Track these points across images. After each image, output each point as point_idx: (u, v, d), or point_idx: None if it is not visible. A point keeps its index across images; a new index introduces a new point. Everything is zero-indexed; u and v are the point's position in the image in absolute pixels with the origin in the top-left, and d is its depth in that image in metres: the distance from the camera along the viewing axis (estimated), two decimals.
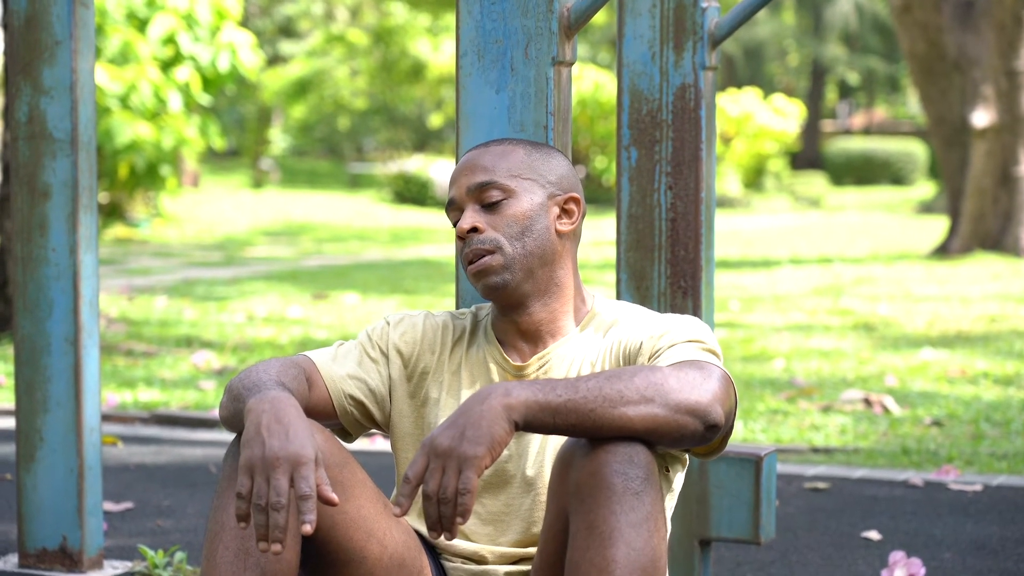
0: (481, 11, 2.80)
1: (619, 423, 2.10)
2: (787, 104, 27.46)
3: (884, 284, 12.49)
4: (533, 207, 2.40)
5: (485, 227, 2.39)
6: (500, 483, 2.39)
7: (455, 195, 2.44)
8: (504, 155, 2.44)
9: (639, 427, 2.11)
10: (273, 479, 2.04)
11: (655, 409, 2.11)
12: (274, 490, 2.04)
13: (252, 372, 2.27)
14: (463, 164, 2.46)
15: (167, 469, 5.17)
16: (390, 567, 2.30)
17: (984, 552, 4.03)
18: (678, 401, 2.12)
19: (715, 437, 2.17)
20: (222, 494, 2.21)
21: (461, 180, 2.44)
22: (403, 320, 2.50)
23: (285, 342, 8.50)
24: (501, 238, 2.38)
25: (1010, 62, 14.97)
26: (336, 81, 33.04)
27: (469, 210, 2.41)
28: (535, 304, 2.41)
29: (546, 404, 2.10)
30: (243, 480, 2.06)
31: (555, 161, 2.47)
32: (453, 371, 2.46)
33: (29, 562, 3.58)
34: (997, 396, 6.68)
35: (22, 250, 3.57)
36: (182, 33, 16.38)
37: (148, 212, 19.78)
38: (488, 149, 2.46)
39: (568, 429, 2.11)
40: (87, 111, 3.55)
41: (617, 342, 2.38)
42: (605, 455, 2.11)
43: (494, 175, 2.41)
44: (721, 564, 3.92)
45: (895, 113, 43.69)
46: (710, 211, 3.27)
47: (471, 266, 2.40)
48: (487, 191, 2.40)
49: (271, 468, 2.05)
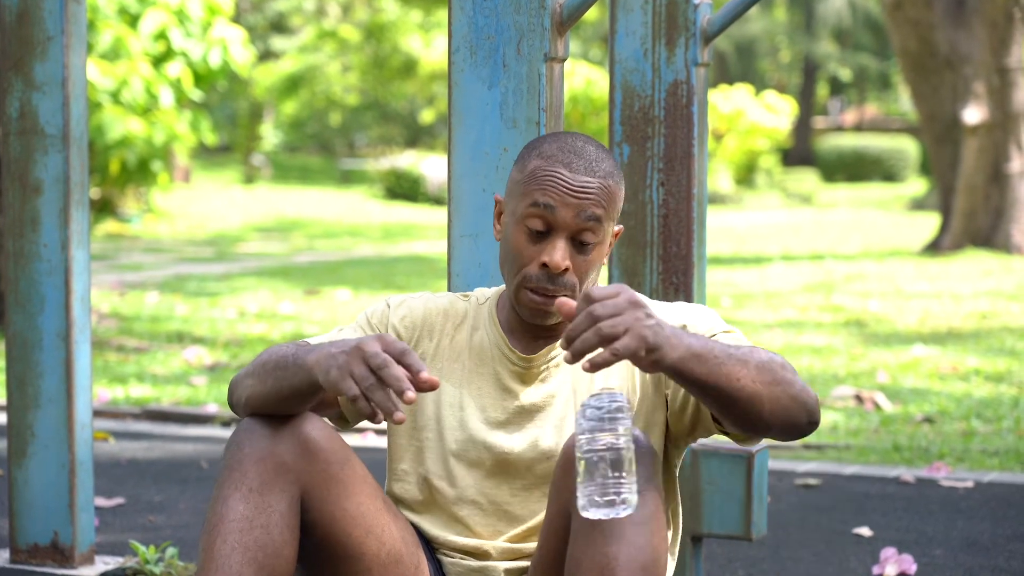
0: (474, 7, 2.80)
1: (753, 399, 2.11)
2: (779, 101, 27.47)
3: (875, 281, 12.50)
4: (606, 252, 2.37)
5: (571, 267, 2.32)
6: (508, 474, 2.37)
7: (560, 216, 2.30)
8: (609, 191, 2.31)
9: (767, 406, 2.13)
10: (360, 362, 2.05)
11: (781, 394, 2.14)
12: (370, 360, 2.04)
13: (275, 350, 2.26)
14: (572, 183, 2.30)
15: (158, 465, 5.16)
16: (387, 563, 2.30)
17: (975, 548, 4.04)
18: (795, 393, 2.15)
19: (810, 432, 2.20)
20: (223, 485, 2.20)
21: (569, 200, 2.29)
22: (404, 303, 2.47)
23: (277, 338, 8.49)
24: (577, 284, 2.32)
25: (1001, 59, 14.99)
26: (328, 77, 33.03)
27: (563, 241, 2.30)
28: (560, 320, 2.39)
29: (706, 358, 2.08)
30: (349, 386, 2.05)
31: (624, 187, 2.43)
32: (453, 358, 2.43)
33: (20, 558, 3.57)
34: (988, 393, 6.69)
35: (14, 246, 3.56)
36: (173, 29, 16.35)
37: (139, 208, 19.76)
38: (595, 175, 2.31)
39: (709, 391, 2.10)
40: (79, 107, 3.55)
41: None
42: None
43: (600, 218, 2.31)
44: (712, 560, 3.92)
45: (887, 110, 43.71)
46: (702, 208, 3.27)
47: (542, 299, 2.32)
48: (588, 232, 2.31)
49: (353, 359, 2.06)
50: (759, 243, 17.66)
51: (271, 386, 2.22)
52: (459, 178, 2.84)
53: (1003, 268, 13.52)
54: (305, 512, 2.24)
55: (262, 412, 2.25)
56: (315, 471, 2.23)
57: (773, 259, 14.99)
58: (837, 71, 39.86)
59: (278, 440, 2.22)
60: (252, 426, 2.23)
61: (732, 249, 16.61)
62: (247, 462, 2.20)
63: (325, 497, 2.24)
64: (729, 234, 19.21)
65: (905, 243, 17.25)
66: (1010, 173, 15.17)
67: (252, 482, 2.19)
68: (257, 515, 2.18)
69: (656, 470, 2.13)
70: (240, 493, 2.19)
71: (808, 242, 17.76)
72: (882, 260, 14.78)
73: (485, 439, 2.37)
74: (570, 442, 2.18)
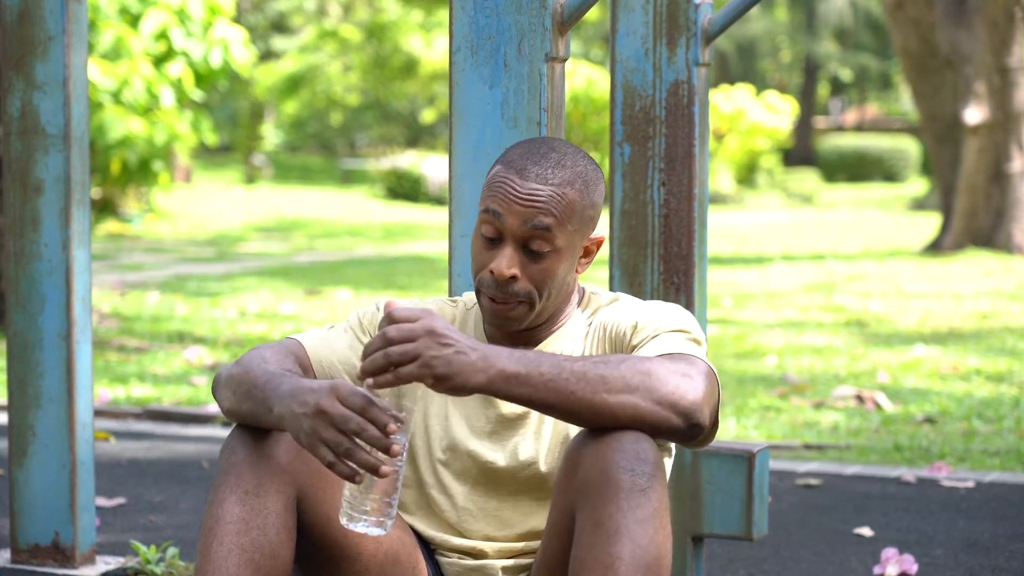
0: (475, 7, 2.80)
1: (599, 409, 2.10)
2: (780, 101, 27.47)
3: (876, 281, 12.50)
4: (570, 262, 2.33)
5: (522, 277, 2.30)
6: (495, 483, 2.38)
7: (506, 222, 2.28)
8: (564, 199, 2.28)
9: (620, 416, 2.10)
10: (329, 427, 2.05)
11: (638, 400, 2.10)
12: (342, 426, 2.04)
13: (253, 365, 2.25)
14: (519, 189, 2.28)
15: (159, 465, 5.16)
16: (384, 563, 2.30)
17: (976, 549, 4.04)
18: (662, 395, 2.11)
19: (697, 436, 2.16)
20: (218, 488, 2.21)
21: (515, 211, 2.27)
22: None
23: (277, 337, 8.48)
24: (534, 292, 2.31)
25: (1002, 59, 14.98)
26: (328, 77, 33.04)
27: (510, 250, 2.29)
28: (537, 324, 2.39)
29: (525, 379, 2.08)
30: (324, 455, 2.05)
31: (597, 194, 2.36)
32: None
33: (21, 558, 3.57)
34: (989, 393, 6.69)
35: (15, 245, 3.56)
36: (174, 29, 16.35)
37: (140, 208, 19.76)
38: (548, 183, 2.28)
39: (544, 406, 2.10)
40: (80, 106, 3.55)
41: (602, 328, 2.36)
42: (613, 452, 2.10)
43: (551, 226, 2.28)
44: (713, 560, 3.92)
45: (887, 110, 43.72)
46: (703, 207, 3.27)
47: (496, 305, 2.31)
48: (537, 241, 2.29)
49: (321, 426, 2.05)
50: (760, 243, 17.66)
51: (246, 411, 2.23)
52: (460, 178, 2.84)
53: (1004, 268, 13.51)
54: (301, 513, 2.24)
55: (237, 421, 2.27)
56: (310, 472, 2.24)
57: (774, 259, 14.98)
58: (838, 71, 39.86)
59: (273, 442, 2.22)
60: (247, 429, 2.24)
61: (733, 249, 16.60)
62: (242, 464, 2.21)
63: (320, 497, 2.25)
64: (730, 234, 19.20)
65: (906, 243, 17.25)
66: (1011, 173, 15.16)
67: (248, 484, 2.20)
68: (253, 517, 2.18)
69: (660, 467, 2.13)
70: (236, 495, 2.19)
71: (809, 242, 17.76)
72: (883, 260, 14.77)
73: (469, 448, 2.37)
74: (573, 443, 2.18)
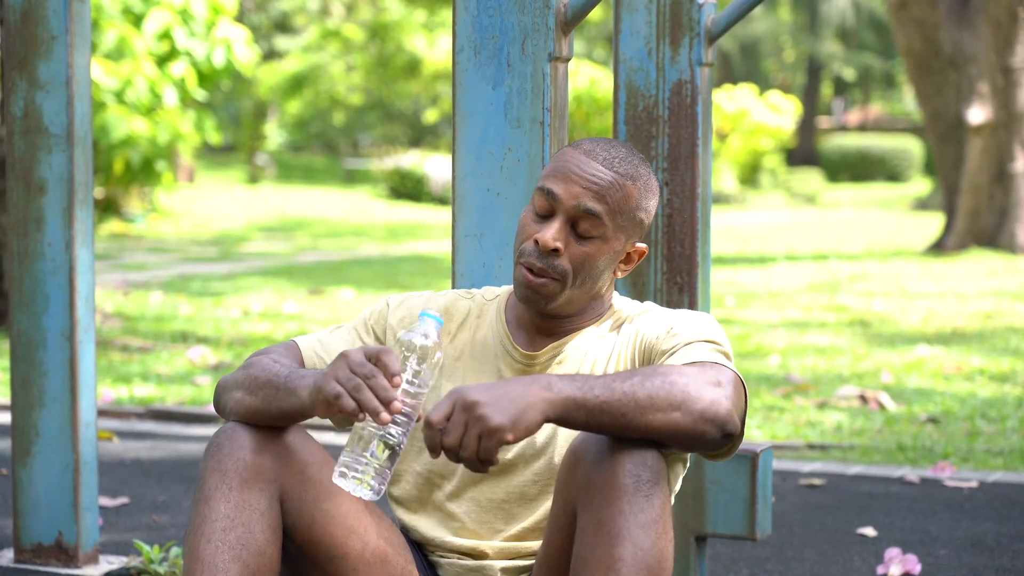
0: (478, 7, 2.80)
1: (644, 430, 2.11)
2: (783, 100, 27.47)
3: (880, 280, 12.49)
4: (611, 256, 2.35)
5: (564, 253, 2.31)
6: (507, 472, 2.37)
7: (561, 197, 2.30)
8: (622, 190, 2.31)
9: (662, 433, 2.12)
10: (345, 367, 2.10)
11: (680, 417, 2.11)
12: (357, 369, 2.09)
13: (267, 363, 2.28)
14: (582, 167, 2.31)
15: (162, 464, 5.16)
16: (372, 563, 2.30)
17: (979, 549, 4.04)
18: (702, 410, 2.12)
19: (727, 445, 2.18)
20: (203, 486, 2.22)
21: (573, 187, 2.30)
22: (404, 303, 2.47)
23: (280, 337, 8.49)
24: (569, 272, 2.32)
25: (1006, 59, 14.98)
26: (332, 77, 33.04)
27: (560, 223, 2.31)
28: (561, 315, 2.40)
29: (583, 403, 2.09)
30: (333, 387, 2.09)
31: (653, 204, 2.38)
32: (454, 356, 2.43)
33: (25, 557, 3.57)
34: (993, 393, 6.69)
35: (18, 245, 3.56)
36: (178, 28, 16.36)
37: (144, 207, 19.77)
38: (612, 169, 2.31)
39: (598, 428, 2.11)
40: (83, 106, 3.55)
41: (634, 336, 2.37)
42: (618, 455, 2.11)
43: (603, 211, 2.30)
44: (717, 560, 3.92)
45: (891, 110, 43.70)
46: (706, 207, 3.27)
47: (530, 276, 2.33)
48: (587, 222, 2.31)
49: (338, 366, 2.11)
50: (763, 243, 17.65)
51: (260, 402, 2.25)
52: (463, 178, 2.84)
53: (1007, 268, 13.51)
54: (285, 515, 2.26)
55: (249, 423, 2.27)
56: (292, 473, 2.25)
57: (777, 259, 14.98)
58: (841, 71, 39.83)
59: (256, 444, 2.24)
60: (231, 431, 2.26)
61: (736, 249, 16.60)
62: (226, 462, 2.22)
63: (304, 498, 2.26)
64: (733, 234, 19.20)
65: (909, 243, 17.24)
66: (1014, 173, 15.15)
67: (232, 482, 2.21)
68: (238, 513, 2.20)
69: (663, 473, 2.13)
70: (220, 493, 2.21)
71: (812, 242, 17.75)
72: (886, 260, 14.77)
73: None
74: (577, 442, 2.18)
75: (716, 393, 2.14)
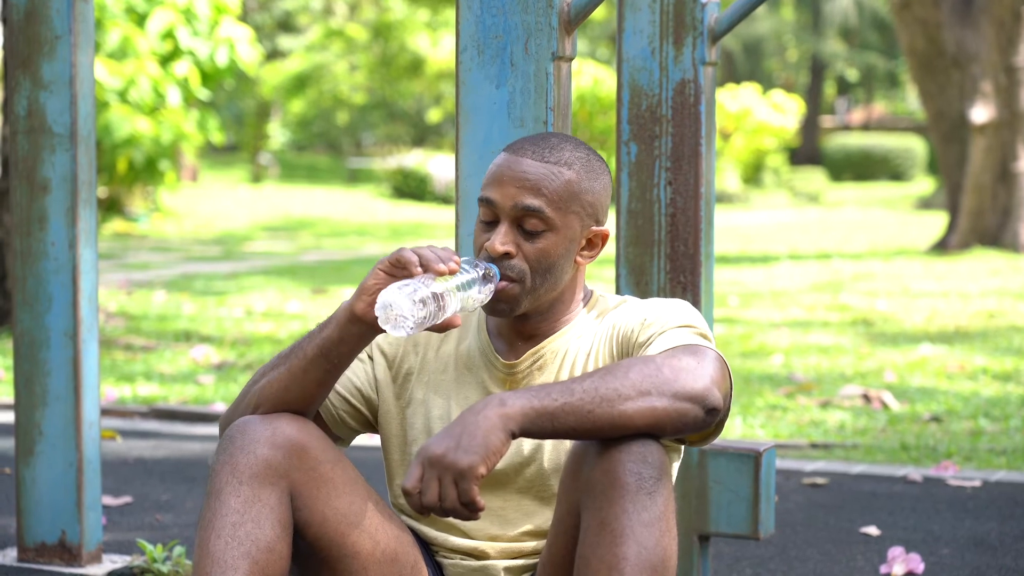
0: (481, 6, 2.80)
1: (619, 421, 2.10)
2: (786, 100, 27.45)
3: (883, 280, 12.49)
4: (567, 245, 2.33)
5: (517, 254, 2.31)
6: (499, 482, 2.37)
7: (498, 202, 2.31)
8: (558, 178, 2.31)
9: (639, 422, 2.11)
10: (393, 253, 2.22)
11: (653, 401, 2.11)
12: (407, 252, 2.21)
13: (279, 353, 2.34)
14: (512, 167, 2.32)
15: (166, 463, 5.17)
16: (382, 562, 2.31)
17: (983, 548, 4.04)
18: (675, 390, 2.12)
19: (715, 420, 2.18)
20: (214, 482, 2.22)
21: (508, 189, 2.30)
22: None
23: (284, 336, 8.50)
24: (527, 271, 2.31)
25: (1009, 58, 14.97)
26: (335, 76, 33.05)
27: (505, 227, 2.31)
28: (534, 315, 2.39)
29: (543, 410, 2.09)
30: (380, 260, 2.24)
31: (599, 184, 2.37)
32: (440, 369, 2.43)
33: (28, 556, 3.58)
34: (996, 392, 6.68)
35: (21, 244, 3.56)
36: (181, 28, 16.37)
37: (147, 207, 19.78)
38: (544, 161, 2.31)
39: (569, 432, 2.11)
40: (86, 105, 3.55)
41: (611, 329, 2.37)
42: (619, 454, 2.11)
43: (543, 204, 2.30)
44: (720, 559, 3.92)
45: (894, 109, 43.69)
46: (709, 207, 3.27)
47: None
48: (531, 218, 2.31)
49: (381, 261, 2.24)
50: (766, 242, 17.65)
51: (288, 368, 2.29)
52: (466, 177, 2.84)
53: (1010, 267, 13.50)
54: (296, 512, 2.26)
55: (275, 402, 2.29)
56: (303, 470, 2.25)
57: (780, 258, 14.97)
58: (844, 70, 39.83)
59: (267, 440, 2.24)
60: (244, 426, 2.26)
61: (739, 248, 16.60)
62: (238, 456, 2.23)
63: (315, 495, 2.26)
64: (736, 233, 19.19)
65: (912, 242, 17.23)
66: (1017, 172, 15.15)
67: (242, 477, 2.21)
68: (248, 509, 2.20)
69: (666, 470, 2.13)
70: (231, 488, 2.21)
71: (815, 241, 17.75)
72: (889, 259, 14.76)
73: None
74: (579, 443, 2.18)
75: (690, 370, 2.14)
